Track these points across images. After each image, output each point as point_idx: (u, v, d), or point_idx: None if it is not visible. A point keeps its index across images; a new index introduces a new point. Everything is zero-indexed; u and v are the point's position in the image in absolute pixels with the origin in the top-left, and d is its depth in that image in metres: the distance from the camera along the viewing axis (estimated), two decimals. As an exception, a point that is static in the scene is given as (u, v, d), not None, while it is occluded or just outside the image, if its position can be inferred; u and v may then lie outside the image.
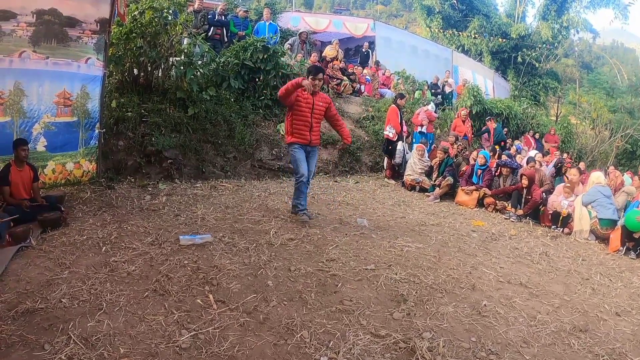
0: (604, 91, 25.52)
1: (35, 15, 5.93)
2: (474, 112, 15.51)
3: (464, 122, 13.54)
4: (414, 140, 12.20)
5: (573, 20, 26.82)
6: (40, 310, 3.47)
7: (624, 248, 7.17)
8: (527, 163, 9.90)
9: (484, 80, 22.93)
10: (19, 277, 4.00)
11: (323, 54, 14.40)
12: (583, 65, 41.59)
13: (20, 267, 4.21)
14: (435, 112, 13.40)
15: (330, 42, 15.98)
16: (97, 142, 7.02)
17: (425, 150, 10.62)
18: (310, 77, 6.08)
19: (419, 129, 12.29)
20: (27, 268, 4.20)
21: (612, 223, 7.66)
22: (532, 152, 13.39)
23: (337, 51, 14.86)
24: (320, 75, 6.25)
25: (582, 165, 12.60)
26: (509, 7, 30.84)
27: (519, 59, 27.16)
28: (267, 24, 13.12)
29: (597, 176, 8.48)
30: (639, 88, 26.38)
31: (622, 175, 12.24)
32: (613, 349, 3.84)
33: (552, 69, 29.98)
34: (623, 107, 23.71)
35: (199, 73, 9.12)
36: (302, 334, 3.47)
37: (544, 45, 26.99)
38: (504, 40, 27.28)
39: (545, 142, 16.92)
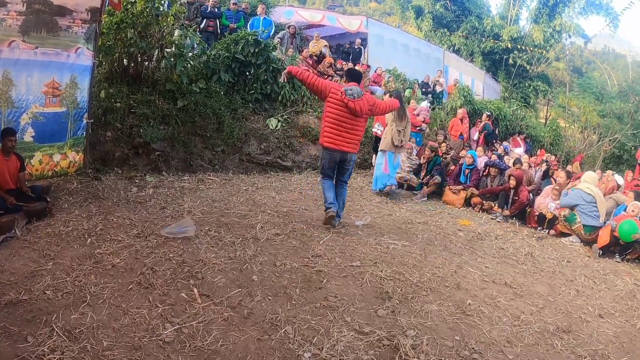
0: (593, 96, 25.65)
1: (25, 4, 5.82)
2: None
3: (461, 121, 13.62)
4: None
5: (565, 25, 26.87)
6: (24, 301, 3.45)
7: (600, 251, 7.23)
8: (514, 164, 9.95)
9: (473, 81, 22.94)
10: (3, 268, 3.96)
11: (312, 51, 14.36)
12: (574, 70, 41.74)
13: (4, 257, 4.17)
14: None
15: (321, 37, 15.87)
16: (84, 133, 6.95)
17: (414, 149, 10.64)
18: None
19: (417, 128, 12.32)
20: (11, 259, 4.16)
21: (597, 229, 7.58)
22: (518, 150, 13.49)
23: (322, 46, 14.83)
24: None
25: (569, 167, 12.66)
26: (502, 9, 30.88)
27: (510, 61, 27.18)
28: (262, 18, 13.09)
29: (590, 177, 8.22)
30: (629, 94, 26.51)
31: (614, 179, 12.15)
32: (595, 351, 3.89)
33: (543, 72, 30.07)
34: (612, 112, 23.84)
35: (189, 65, 9.07)
36: (286, 330, 3.48)
37: (536, 48, 27.06)
38: (496, 42, 27.33)
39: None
